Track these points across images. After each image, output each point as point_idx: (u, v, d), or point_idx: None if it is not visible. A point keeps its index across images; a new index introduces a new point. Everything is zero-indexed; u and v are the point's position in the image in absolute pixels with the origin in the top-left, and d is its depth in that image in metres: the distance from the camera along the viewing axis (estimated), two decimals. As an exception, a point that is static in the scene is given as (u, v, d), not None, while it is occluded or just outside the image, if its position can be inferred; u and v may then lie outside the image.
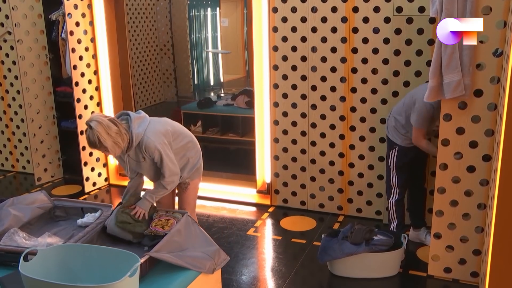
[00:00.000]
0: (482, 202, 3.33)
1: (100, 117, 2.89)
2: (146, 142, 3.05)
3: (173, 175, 3.19)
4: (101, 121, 2.86)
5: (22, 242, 2.77)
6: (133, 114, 3.10)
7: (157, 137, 3.09)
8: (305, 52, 4.40)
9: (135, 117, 3.07)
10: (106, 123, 2.87)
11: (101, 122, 2.86)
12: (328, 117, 4.46)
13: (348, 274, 3.62)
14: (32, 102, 5.45)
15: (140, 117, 3.11)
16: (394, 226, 3.98)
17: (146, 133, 3.06)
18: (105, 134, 2.86)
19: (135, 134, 3.02)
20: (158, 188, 3.20)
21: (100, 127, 2.85)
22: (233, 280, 3.63)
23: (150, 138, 3.06)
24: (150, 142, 3.06)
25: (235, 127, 6.91)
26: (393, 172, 3.89)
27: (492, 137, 3.20)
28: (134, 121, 3.04)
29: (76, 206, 3.31)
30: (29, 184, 5.75)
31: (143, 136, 3.05)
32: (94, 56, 5.25)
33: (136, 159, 3.17)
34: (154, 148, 3.07)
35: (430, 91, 3.22)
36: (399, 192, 3.92)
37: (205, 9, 8.33)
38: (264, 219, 4.66)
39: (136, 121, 3.06)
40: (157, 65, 8.17)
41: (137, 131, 3.03)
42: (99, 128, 2.84)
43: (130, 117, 3.07)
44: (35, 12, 5.35)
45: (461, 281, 3.51)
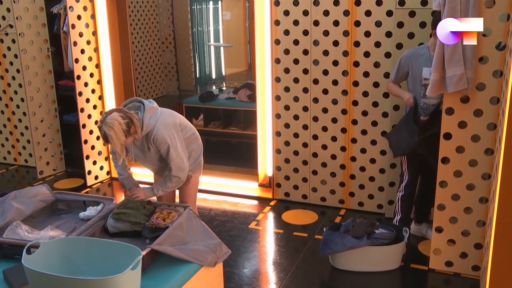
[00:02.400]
0: (484, 196, 3.33)
1: (113, 120, 2.88)
2: (155, 133, 3.08)
3: (180, 170, 3.19)
4: (112, 125, 2.87)
5: (25, 235, 2.78)
6: (147, 103, 3.13)
7: (167, 130, 3.12)
8: (307, 45, 4.39)
9: (148, 107, 3.10)
10: (117, 128, 2.88)
11: (112, 126, 2.87)
12: (330, 110, 4.46)
13: (349, 267, 3.63)
14: (34, 95, 5.45)
15: (152, 107, 3.14)
16: (397, 220, 3.97)
17: (157, 124, 3.09)
18: (116, 140, 2.90)
19: (146, 124, 3.05)
20: (164, 181, 3.23)
21: (112, 131, 2.87)
22: (235, 273, 3.64)
23: (160, 129, 3.09)
24: (160, 134, 3.08)
25: (237, 120, 6.91)
26: (405, 164, 3.87)
27: (494, 131, 3.20)
28: (147, 111, 3.07)
29: (78, 199, 3.32)
30: (31, 178, 5.77)
31: (154, 127, 3.08)
32: (96, 50, 5.25)
33: (141, 148, 3.20)
34: (163, 140, 3.09)
35: (432, 85, 3.21)
36: (407, 184, 3.89)
37: (207, 3, 8.31)
38: (266, 213, 4.67)
39: (148, 112, 3.09)
40: (159, 58, 8.17)
41: (149, 121, 3.07)
42: (111, 132, 2.88)
43: (144, 106, 3.10)
44: (37, 5, 5.34)
45: (463, 275, 3.52)
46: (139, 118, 3.03)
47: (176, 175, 3.20)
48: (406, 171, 3.89)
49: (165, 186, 3.23)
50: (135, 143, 3.18)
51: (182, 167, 3.20)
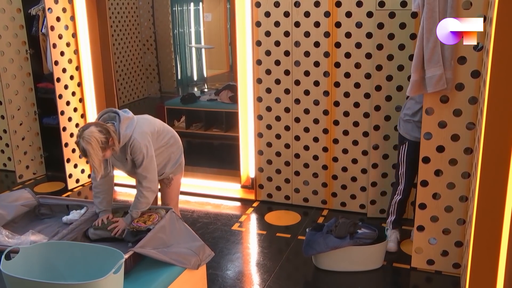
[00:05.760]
0: (464, 194, 3.38)
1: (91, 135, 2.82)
2: (133, 143, 3.05)
3: (150, 181, 3.13)
4: (90, 141, 2.81)
5: (5, 240, 2.75)
6: (122, 114, 3.08)
7: (143, 139, 3.08)
8: (288, 46, 4.40)
9: (123, 118, 3.05)
10: (95, 143, 2.82)
11: (89, 142, 2.81)
12: (311, 111, 4.47)
13: (332, 267, 3.64)
14: (13, 98, 5.37)
15: (128, 117, 3.08)
16: (391, 221, 3.96)
17: (134, 134, 3.05)
18: (93, 154, 2.83)
19: (123, 135, 3.00)
20: (138, 199, 3.11)
21: (89, 147, 2.81)
22: (218, 275, 3.63)
23: (137, 138, 3.05)
24: (137, 143, 3.05)
25: (219, 122, 6.90)
26: (403, 167, 3.84)
27: (473, 130, 3.24)
28: (123, 122, 3.03)
29: (61, 203, 3.28)
30: (10, 182, 5.68)
31: (131, 137, 3.04)
32: (75, 52, 5.19)
33: (120, 159, 3.16)
34: (139, 149, 3.05)
35: (412, 85, 3.24)
36: (404, 189, 3.87)
37: (188, 4, 8.28)
38: (249, 214, 4.67)
39: (124, 122, 3.04)
40: (140, 60, 8.11)
41: (125, 132, 3.02)
42: (88, 147, 2.81)
43: (119, 116, 3.05)
44: (14, 6, 5.27)
45: (444, 273, 3.56)
46: (116, 129, 2.98)
47: (147, 185, 3.11)
48: (403, 175, 3.88)
49: (140, 203, 3.10)
50: (114, 155, 3.12)
51: (152, 177, 3.14)
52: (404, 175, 3.85)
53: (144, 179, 3.11)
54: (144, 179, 3.11)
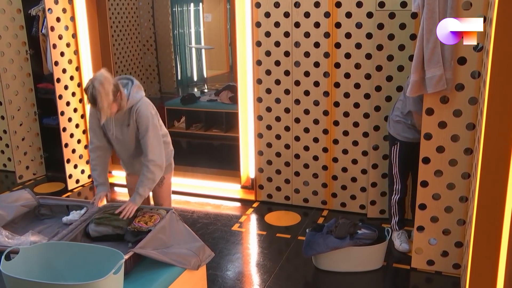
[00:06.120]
0: (464, 195, 3.38)
1: (104, 79, 2.89)
2: (140, 107, 3.11)
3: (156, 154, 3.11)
4: (103, 83, 2.87)
5: (5, 241, 2.74)
6: (136, 81, 3.19)
7: (150, 108, 3.16)
8: (288, 47, 4.40)
9: (136, 85, 3.16)
10: (107, 85, 2.88)
11: (103, 84, 2.86)
12: (311, 112, 4.48)
13: (332, 268, 3.64)
14: (13, 99, 5.37)
15: (140, 87, 3.20)
16: (395, 222, 3.96)
17: (142, 100, 3.14)
18: (104, 95, 2.87)
19: (132, 97, 3.09)
20: (145, 174, 3.10)
21: (101, 87, 2.86)
22: (218, 275, 3.63)
23: (144, 104, 3.13)
24: (143, 107, 3.11)
25: (219, 122, 6.90)
26: (396, 168, 3.85)
27: (473, 130, 3.24)
28: (134, 87, 3.13)
29: (61, 203, 3.28)
30: (10, 182, 5.68)
31: (139, 101, 3.12)
32: (75, 52, 5.19)
33: (121, 122, 3.15)
34: (145, 114, 3.10)
35: (412, 86, 3.24)
36: (401, 188, 3.87)
37: (188, 5, 8.29)
38: (249, 215, 4.66)
39: (136, 88, 3.14)
40: (140, 61, 8.11)
41: (135, 95, 3.11)
42: (100, 88, 2.86)
43: (133, 83, 3.15)
44: (14, 6, 5.27)
45: (444, 273, 3.56)
46: (127, 91, 3.07)
47: (152, 158, 3.08)
48: (398, 175, 3.87)
49: (147, 179, 3.09)
50: (117, 117, 3.12)
51: (158, 150, 3.12)
52: (398, 174, 3.86)
53: (149, 151, 3.09)
54: (149, 151, 3.09)
